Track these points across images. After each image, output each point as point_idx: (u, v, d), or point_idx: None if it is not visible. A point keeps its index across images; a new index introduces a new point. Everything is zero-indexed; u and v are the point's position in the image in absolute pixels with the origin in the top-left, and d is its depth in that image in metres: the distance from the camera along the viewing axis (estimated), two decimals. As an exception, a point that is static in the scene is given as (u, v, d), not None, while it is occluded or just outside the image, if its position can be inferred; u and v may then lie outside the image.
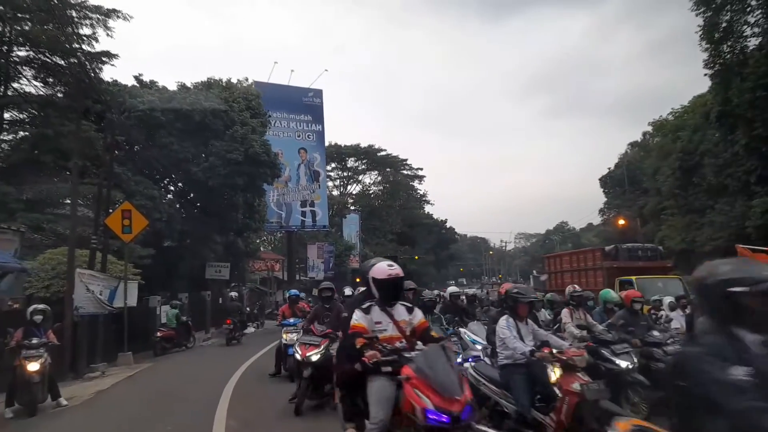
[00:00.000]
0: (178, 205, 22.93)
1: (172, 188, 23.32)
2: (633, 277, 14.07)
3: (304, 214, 35.97)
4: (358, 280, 55.42)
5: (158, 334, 15.42)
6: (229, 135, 21.07)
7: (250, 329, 23.17)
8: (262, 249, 42.06)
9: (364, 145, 65.07)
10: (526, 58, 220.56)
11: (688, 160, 33.23)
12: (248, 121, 22.03)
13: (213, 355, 15.30)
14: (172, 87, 21.71)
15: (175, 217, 20.72)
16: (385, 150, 65.48)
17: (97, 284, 11.26)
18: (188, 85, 21.66)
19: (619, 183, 59.78)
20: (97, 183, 12.61)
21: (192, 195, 23.27)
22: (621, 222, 40.51)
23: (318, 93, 37.21)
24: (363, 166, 68.30)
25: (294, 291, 11.05)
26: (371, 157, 66.37)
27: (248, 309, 28.15)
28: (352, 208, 58.77)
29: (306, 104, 36.54)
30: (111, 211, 12.64)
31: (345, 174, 65.79)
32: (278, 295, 36.75)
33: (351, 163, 66.74)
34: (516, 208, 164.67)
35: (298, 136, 35.83)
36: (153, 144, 19.91)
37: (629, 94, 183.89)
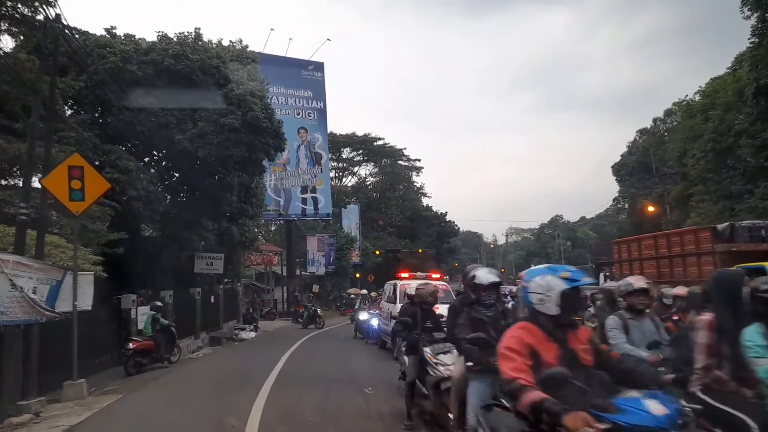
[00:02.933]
0: (161, 188, 18.94)
1: (153, 161, 19.25)
2: (766, 264, 10.45)
3: (304, 201, 32.07)
4: (358, 276, 51.97)
5: (130, 345, 11.51)
6: (222, 95, 17.13)
7: (248, 333, 19.26)
8: (260, 240, 38.13)
9: (360, 134, 61.43)
10: (510, 55, 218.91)
11: (722, 141, 30.19)
12: (245, 81, 18.09)
13: (207, 376, 11.44)
14: (152, 38, 17.67)
15: (157, 197, 16.76)
16: (382, 139, 61.87)
17: (29, 277, 7.31)
18: (171, 36, 17.68)
19: (632, 171, 56.66)
20: (29, 125, 8.49)
21: (177, 171, 19.26)
22: (651, 209, 37.03)
23: (319, 66, 33.27)
24: (359, 157, 64.81)
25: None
26: (368, 147, 62.72)
27: (244, 309, 24.34)
28: (349, 200, 55.07)
29: (306, 78, 32.60)
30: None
31: (340, 165, 62.30)
32: (276, 292, 32.82)
33: (346, 153, 63.36)
34: (506, 203, 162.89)
35: (298, 114, 31.88)
36: (127, 105, 15.91)
37: (614, 89, 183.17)
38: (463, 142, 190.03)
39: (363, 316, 17.62)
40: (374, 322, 15.07)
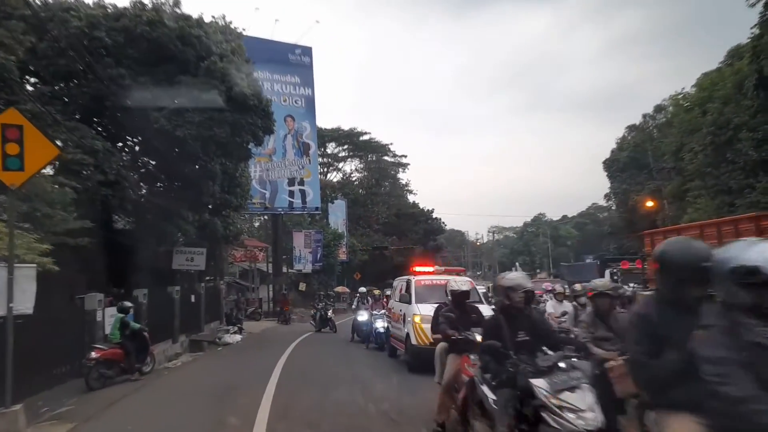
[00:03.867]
0: (136, 176, 16.94)
1: (126, 146, 17.18)
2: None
3: (291, 193, 30.12)
4: (357, 276, 50.11)
5: (92, 355, 9.56)
6: (204, 69, 15.17)
7: (233, 336, 17.34)
8: (245, 234, 36.00)
9: (345, 127, 59.62)
10: (491, 54, 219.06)
11: (721, 134, 29.16)
12: (229, 55, 16.15)
13: (185, 394, 9.47)
14: (124, 3, 15.60)
15: (129, 182, 14.77)
16: (368, 133, 60.16)
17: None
18: (145, 1, 15.59)
19: (623, 167, 55.72)
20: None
21: (154, 156, 17.21)
22: (649, 204, 35.87)
23: (307, 50, 31.29)
24: (344, 153, 63.09)
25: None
26: (353, 141, 60.93)
27: (227, 309, 22.41)
28: (335, 195, 53.21)
29: (293, 63, 30.59)
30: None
31: (325, 160, 60.43)
32: (261, 290, 30.84)
33: (331, 149, 61.58)
34: (488, 202, 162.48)
35: (284, 101, 29.88)
36: (94, 77, 13.89)
37: (595, 89, 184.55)
38: (445, 141, 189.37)
39: (362, 317, 15.91)
40: (379, 325, 13.39)
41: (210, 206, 19.64)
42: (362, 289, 18.66)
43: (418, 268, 11.84)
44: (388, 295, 17.37)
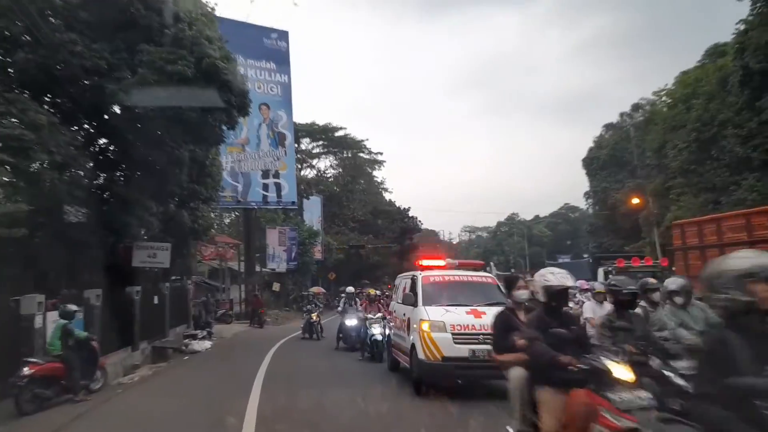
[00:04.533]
0: (92, 165, 14.88)
1: (81, 129, 15.05)
2: None
3: (266, 187, 28.09)
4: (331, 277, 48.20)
5: (25, 370, 7.65)
6: (170, 37, 13.24)
7: (202, 343, 15.44)
8: (215, 230, 33.70)
9: (320, 123, 57.69)
10: (461, 55, 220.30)
11: (705, 131, 29.12)
12: (200, 21, 14.21)
13: (145, 422, 7.58)
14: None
15: (80, 164, 12.75)
16: (344, 128, 58.40)
17: None
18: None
19: (603, 165, 55.32)
20: None
21: (113, 138, 15.14)
22: (635, 201, 35.04)
23: (283, 35, 29.27)
24: (318, 149, 61.24)
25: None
26: (328, 136, 59.11)
27: (195, 311, 20.45)
28: (311, 191, 51.24)
29: (269, 48, 28.56)
30: None
31: (299, 156, 58.38)
32: (233, 290, 28.80)
33: (305, 144, 59.67)
34: (461, 202, 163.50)
35: (259, 88, 27.85)
36: (38, 43, 11.86)
37: (561, 92, 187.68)
38: (418, 141, 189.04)
39: (352, 321, 14.05)
40: (376, 331, 11.48)
41: (176, 197, 17.69)
42: (350, 289, 16.72)
43: (425, 261, 9.52)
44: (388, 295, 15.76)
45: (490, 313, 6.25)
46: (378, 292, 16.65)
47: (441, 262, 9.58)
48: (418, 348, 7.94)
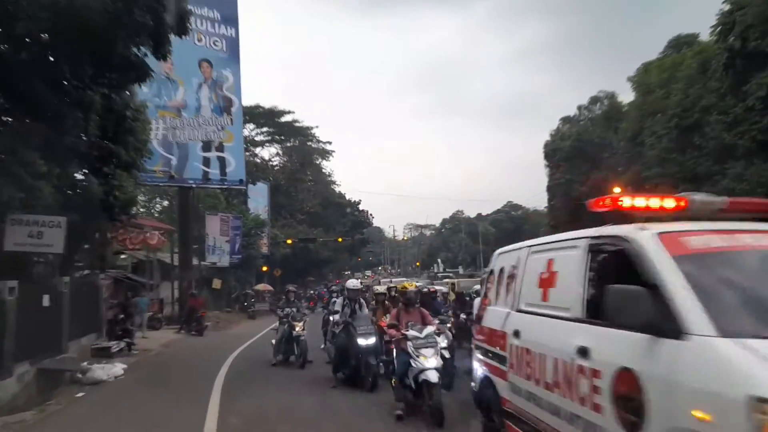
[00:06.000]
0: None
1: None
2: None
3: (207, 162, 22.90)
4: (265, 269, 42.99)
5: None
6: None
7: (111, 368, 10.43)
8: (141, 212, 27.80)
9: (266, 106, 52.15)
10: (402, 56, 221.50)
11: (687, 117, 27.54)
12: None
13: None
14: None
15: None
16: (292, 113, 53.29)
17: None
18: None
19: (566, 157, 52.95)
20: None
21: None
22: (616, 190, 32.18)
23: (230, -21, 24.18)
24: (262, 136, 55.72)
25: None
26: (274, 121, 53.65)
27: (111, 315, 15.39)
28: (259, 174, 45.91)
29: (213, -8, 23.37)
30: None
31: (238, 143, 52.80)
32: (164, 288, 23.50)
33: (248, 131, 54.07)
34: (399, 201, 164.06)
35: (199, 41, 22.66)
36: None
37: (497, 97, 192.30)
38: (359, 138, 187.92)
39: (367, 339, 8.47)
40: (430, 363, 6.37)
41: (83, 158, 12.62)
42: (352, 283, 10.79)
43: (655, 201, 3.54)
44: (381, 298, 10.73)
45: None
46: (419, 286, 11.22)
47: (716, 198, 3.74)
48: None
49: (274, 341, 11.88)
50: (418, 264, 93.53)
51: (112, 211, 13.89)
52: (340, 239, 49.86)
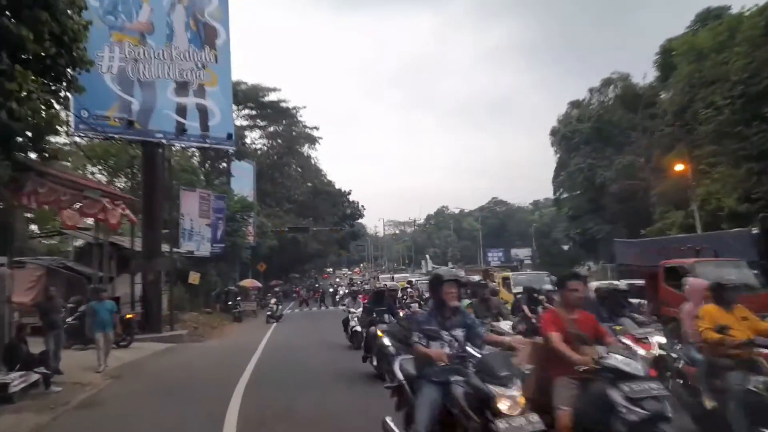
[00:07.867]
0: None
1: None
2: None
3: (182, 110, 16.59)
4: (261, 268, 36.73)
5: None
6: None
7: None
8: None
9: (249, 82, 45.39)
10: (378, 53, 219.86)
11: (753, 84, 23.69)
12: None
13: None
14: None
15: None
16: (277, 90, 46.82)
17: None
18: None
19: (586, 140, 47.86)
20: None
21: None
22: (679, 167, 26.97)
23: None
24: (245, 120, 48.80)
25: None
26: (258, 100, 46.84)
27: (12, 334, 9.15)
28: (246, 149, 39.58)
29: None
30: None
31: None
32: (121, 283, 16.94)
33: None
34: (380, 196, 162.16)
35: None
36: None
37: (470, 95, 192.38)
38: (336, 136, 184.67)
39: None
40: None
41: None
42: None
43: None
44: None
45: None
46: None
47: None
48: None
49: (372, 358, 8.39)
50: (408, 261, 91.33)
51: (12, 140, 7.72)
52: (334, 230, 43.85)
